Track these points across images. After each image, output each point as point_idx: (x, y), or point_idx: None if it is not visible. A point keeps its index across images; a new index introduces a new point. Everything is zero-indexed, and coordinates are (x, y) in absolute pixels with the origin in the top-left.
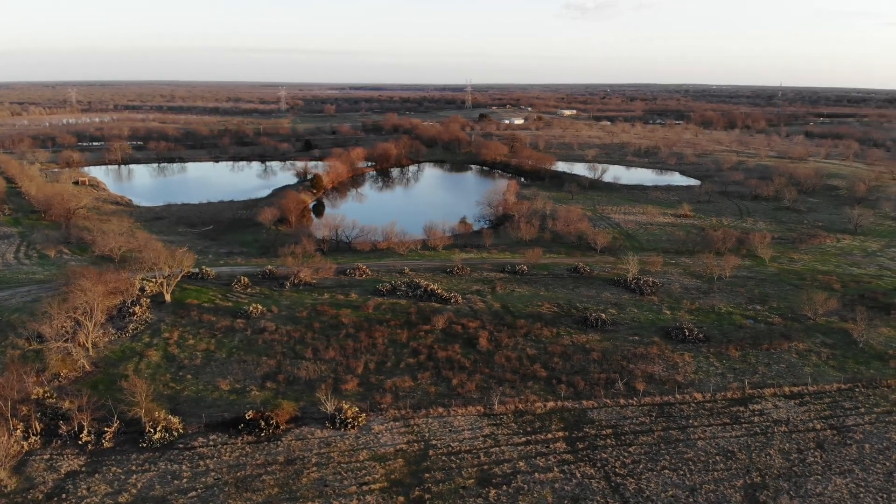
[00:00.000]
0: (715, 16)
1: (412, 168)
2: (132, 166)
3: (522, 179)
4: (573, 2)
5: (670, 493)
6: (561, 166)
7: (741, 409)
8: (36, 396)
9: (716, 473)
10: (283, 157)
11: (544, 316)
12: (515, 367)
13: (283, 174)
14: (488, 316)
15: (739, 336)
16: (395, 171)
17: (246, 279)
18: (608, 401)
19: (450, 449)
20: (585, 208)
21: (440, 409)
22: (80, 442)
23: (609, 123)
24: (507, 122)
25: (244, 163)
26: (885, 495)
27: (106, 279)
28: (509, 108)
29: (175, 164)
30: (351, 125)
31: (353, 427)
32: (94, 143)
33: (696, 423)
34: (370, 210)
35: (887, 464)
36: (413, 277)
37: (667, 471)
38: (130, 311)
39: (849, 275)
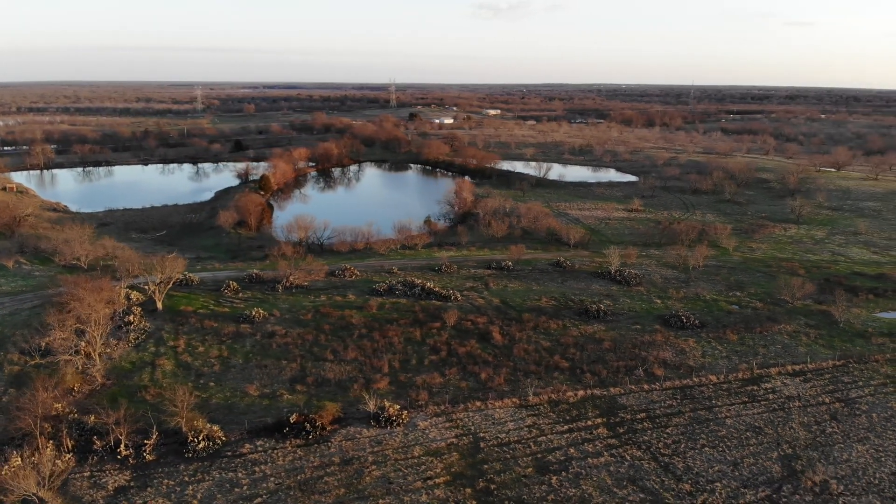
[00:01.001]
0: (625, 17)
1: (353, 168)
2: (55, 171)
3: (467, 178)
4: (486, 2)
5: (716, 468)
6: (504, 165)
7: (755, 388)
8: (55, 412)
9: (750, 448)
10: (215, 159)
11: (545, 309)
12: (536, 359)
13: (218, 176)
14: (492, 311)
15: (731, 321)
16: (336, 172)
17: (235, 284)
18: (633, 387)
19: (499, 440)
20: (542, 205)
21: (478, 403)
22: (118, 456)
23: (535, 123)
24: (437, 121)
25: (174, 165)
26: None
27: (100, 287)
28: (434, 107)
29: (101, 168)
30: (280, 124)
31: (398, 424)
32: (6, 148)
33: (719, 403)
34: (325, 211)
35: None
36: (405, 277)
37: (707, 448)
38: (125, 320)
39: (807, 261)
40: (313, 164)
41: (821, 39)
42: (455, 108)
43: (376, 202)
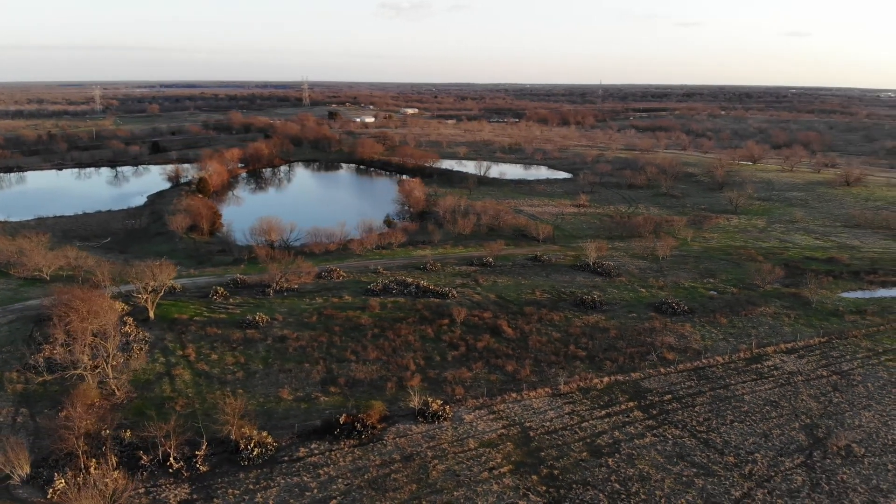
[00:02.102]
0: (526, 18)
1: (283, 168)
2: None
3: (405, 176)
4: (388, 1)
5: (750, 440)
6: (442, 164)
7: (758, 366)
8: (86, 430)
9: (773, 420)
10: (134, 162)
11: (543, 302)
12: (553, 349)
13: (141, 179)
14: (493, 306)
15: (716, 306)
16: (267, 172)
17: (222, 289)
18: (651, 371)
19: (545, 428)
20: (497, 203)
21: (513, 395)
22: (170, 470)
23: (457, 122)
24: (358, 119)
25: (91, 169)
26: None
27: (95, 298)
28: (350, 105)
29: (13, 174)
30: (196, 124)
31: (444, 419)
32: None
33: (733, 382)
34: (276, 212)
35: (893, 395)
36: (395, 276)
37: (736, 423)
38: (121, 331)
39: (760, 248)
40: (243, 164)
41: (708, 39)
42: (372, 107)
43: (322, 203)
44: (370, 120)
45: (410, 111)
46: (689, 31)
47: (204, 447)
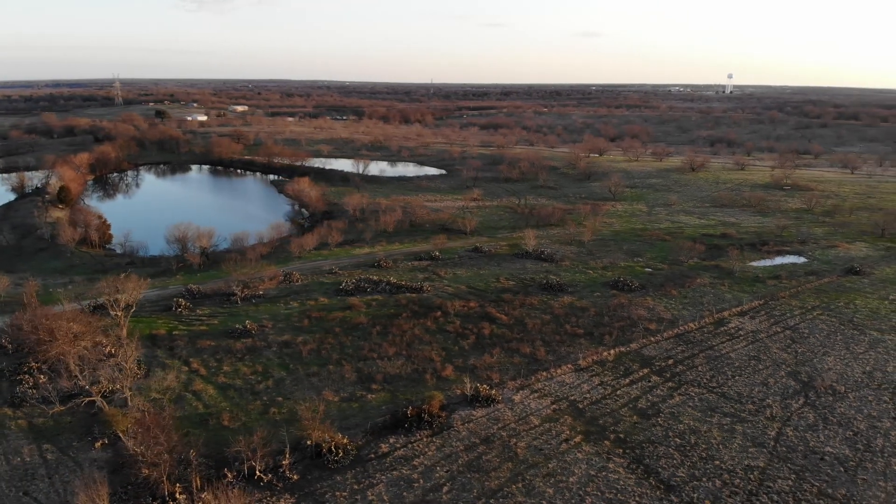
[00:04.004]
0: (336, 14)
1: (132, 173)
2: None
3: (277, 177)
4: None
5: (756, 390)
6: (313, 163)
7: (724, 328)
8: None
9: (764, 372)
10: None
11: (513, 289)
12: (551, 330)
13: None
14: (471, 296)
15: (660, 281)
16: (114, 177)
17: (185, 301)
18: (644, 341)
19: (590, 400)
20: (394, 200)
21: (543, 374)
22: (261, 483)
23: (297, 119)
24: (190, 118)
25: None
26: (862, 357)
27: (75, 318)
28: (169, 103)
29: None
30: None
31: (498, 402)
32: None
33: (714, 343)
34: (153, 219)
35: (839, 339)
36: (356, 275)
37: (737, 377)
38: (105, 350)
39: (659, 229)
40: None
41: (513, 39)
42: (195, 104)
43: (203, 207)
44: (203, 118)
45: (240, 108)
46: (496, 31)
47: (288, 455)
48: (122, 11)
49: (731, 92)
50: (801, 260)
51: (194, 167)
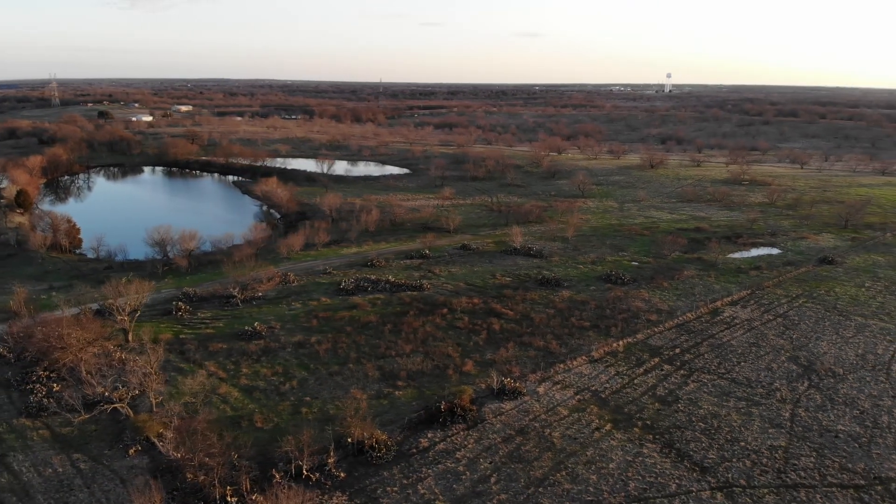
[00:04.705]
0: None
1: (83, 175)
2: None
3: (238, 178)
4: None
5: (762, 374)
6: (274, 163)
7: (720, 317)
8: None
9: (767, 357)
10: None
11: (509, 285)
12: (558, 323)
13: None
14: (473, 293)
15: (649, 274)
16: (66, 180)
17: (184, 305)
18: (648, 331)
19: (610, 389)
20: (367, 199)
21: (561, 366)
22: (310, 482)
23: (241, 119)
24: (135, 118)
25: None
26: (853, 341)
27: (84, 324)
28: (108, 103)
29: None
30: None
31: (524, 395)
32: None
33: (714, 332)
34: (119, 221)
35: (828, 325)
36: (353, 275)
37: (742, 363)
38: (117, 356)
39: (635, 224)
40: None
41: (452, 39)
42: (136, 105)
43: (166, 210)
44: (148, 119)
45: (184, 108)
46: (436, 30)
47: (332, 454)
48: (50, 10)
49: (670, 91)
50: (776, 251)
51: (148, 169)
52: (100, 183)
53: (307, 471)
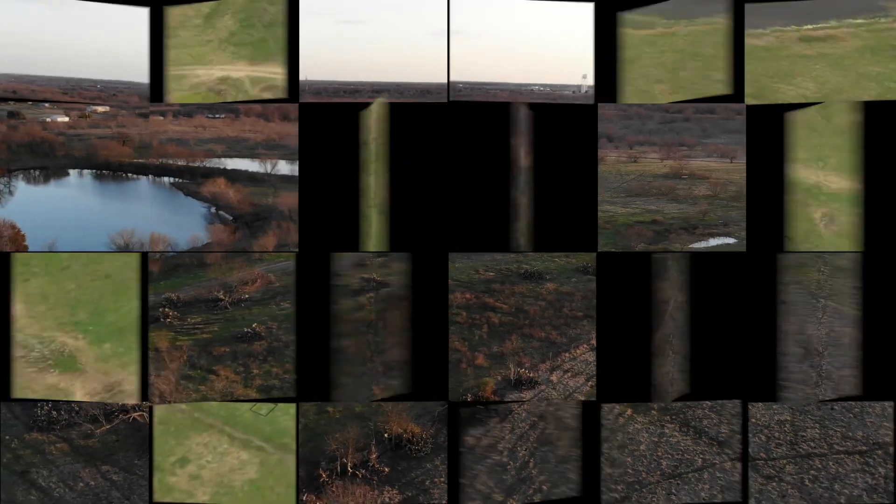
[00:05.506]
0: None
1: (2, 179)
2: None
3: (176, 179)
4: None
5: None
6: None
7: None
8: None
9: None
10: None
11: (496, 279)
12: (552, 314)
13: None
14: (461, 288)
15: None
16: None
17: (170, 311)
18: None
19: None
20: None
21: (566, 355)
22: (357, 479)
23: (163, 118)
24: (50, 119)
25: None
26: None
27: None
28: (13, 102)
29: None
30: None
31: (539, 384)
32: None
33: None
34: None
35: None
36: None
37: None
38: None
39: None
40: None
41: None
42: (47, 105)
43: (107, 212)
44: (64, 119)
45: (101, 109)
46: (358, 28)
47: (374, 449)
48: None
49: (586, 92)
50: (732, 240)
51: (74, 172)
52: (25, 188)
53: (351, 468)
